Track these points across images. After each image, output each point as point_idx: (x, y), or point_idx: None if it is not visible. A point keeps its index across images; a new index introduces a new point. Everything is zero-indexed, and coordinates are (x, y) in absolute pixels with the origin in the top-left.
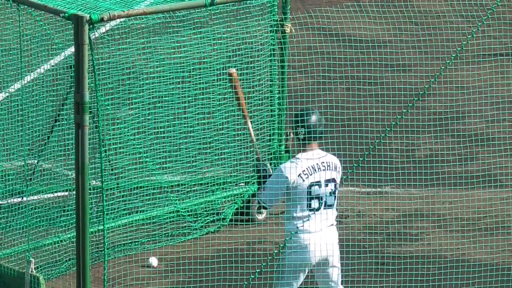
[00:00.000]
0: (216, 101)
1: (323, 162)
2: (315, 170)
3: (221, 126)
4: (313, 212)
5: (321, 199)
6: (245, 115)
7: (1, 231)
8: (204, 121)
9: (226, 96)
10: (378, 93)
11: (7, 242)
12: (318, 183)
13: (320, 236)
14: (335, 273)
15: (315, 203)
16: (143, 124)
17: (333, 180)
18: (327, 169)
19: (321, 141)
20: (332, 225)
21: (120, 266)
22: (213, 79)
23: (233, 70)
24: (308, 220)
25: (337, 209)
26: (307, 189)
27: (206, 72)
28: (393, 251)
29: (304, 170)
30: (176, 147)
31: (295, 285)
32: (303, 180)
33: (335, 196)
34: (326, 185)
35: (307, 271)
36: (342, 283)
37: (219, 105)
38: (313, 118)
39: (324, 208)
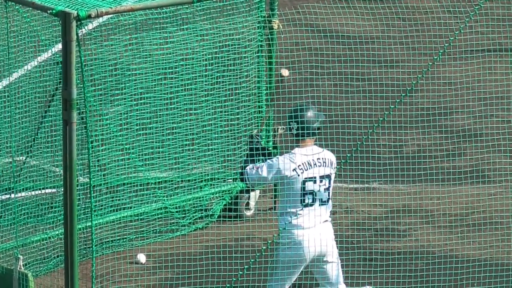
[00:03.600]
0: (204, 97)
1: (319, 159)
2: (311, 166)
3: (209, 122)
4: (306, 207)
5: (315, 195)
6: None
7: None
8: (192, 117)
9: (213, 92)
10: (366, 89)
11: None
12: (313, 179)
13: (314, 232)
14: (334, 270)
15: (308, 199)
16: (131, 120)
17: (328, 176)
18: (323, 165)
19: (316, 137)
20: (326, 221)
21: (108, 263)
22: (201, 75)
23: (287, 73)
24: (302, 215)
25: (332, 205)
26: (302, 184)
27: (195, 69)
28: (381, 247)
29: (300, 165)
30: (164, 143)
31: (289, 282)
32: (298, 175)
33: (329, 192)
34: (321, 181)
35: (302, 267)
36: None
37: (206, 100)
38: (309, 114)
39: (318, 204)
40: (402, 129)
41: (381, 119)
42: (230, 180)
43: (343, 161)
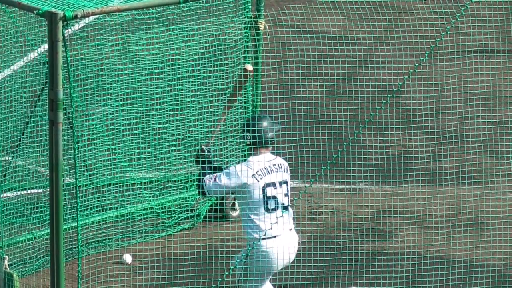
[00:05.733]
0: (190, 97)
1: (275, 164)
2: (268, 172)
3: (195, 123)
4: (270, 212)
5: (277, 200)
6: (228, 108)
7: None
8: (178, 118)
9: (199, 93)
10: (352, 90)
11: None
12: (272, 184)
13: (283, 241)
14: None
15: (271, 204)
16: (117, 121)
17: (285, 182)
18: (279, 171)
19: (272, 146)
20: (291, 229)
21: (94, 263)
22: (188, 76)
23: (250, 68)
24: (267, 223)
25: (293, 210)
26: (262, 190)
27: (181, 69)
28: (367, 248)
29: (258, 171)
30: (151, 144)
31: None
32: (258, 181)
33: (288, 198)
34: (280, 186)
35: (271, 275)
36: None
37: (193, 101)
38: (264, 124)
39: (281, 210)
40: (388, 130)
41: (367, 120)
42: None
43: (329, 162)
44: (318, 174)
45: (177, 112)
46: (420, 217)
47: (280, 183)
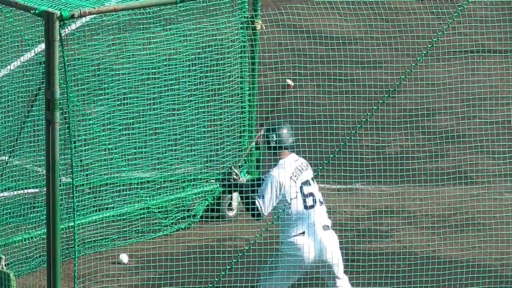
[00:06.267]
0: (187, 97)
1: (302, 163)
2: (300, 171)
3: (192, 123)
4: (309, 209)
5: (314, 196)
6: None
7: None
8: (175, 118)
9: (196, 92)
10: (349, 90)
11: None
12: (307, 183)
13: (322, 239)
14: (340, 269)
15: (309, 201)
16: (114, 121)
17: (313, 178)
18: (307, 169)
19: (292, 150)
20: (328, 227)
21: (90, 263)
22: (184, 75)
23: (291, 83)
24: (308, 220)
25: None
26: (300, 189)
27: (178, 69)
28: (364, 247)
29: (293, 172)
30: (147, 144)
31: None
32: (295, 181)
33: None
34: (313, 183)
35: (302, 272)
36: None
37: (190, 101)
38: (285, 130)
39: (319, 205)
40: (385, 130)
41: (364, 120)
42: (213, 181)
43: (326, 161)
44: (314, 174)
45: (174, 112)
46: (416, 217)
47: (312, 180)
